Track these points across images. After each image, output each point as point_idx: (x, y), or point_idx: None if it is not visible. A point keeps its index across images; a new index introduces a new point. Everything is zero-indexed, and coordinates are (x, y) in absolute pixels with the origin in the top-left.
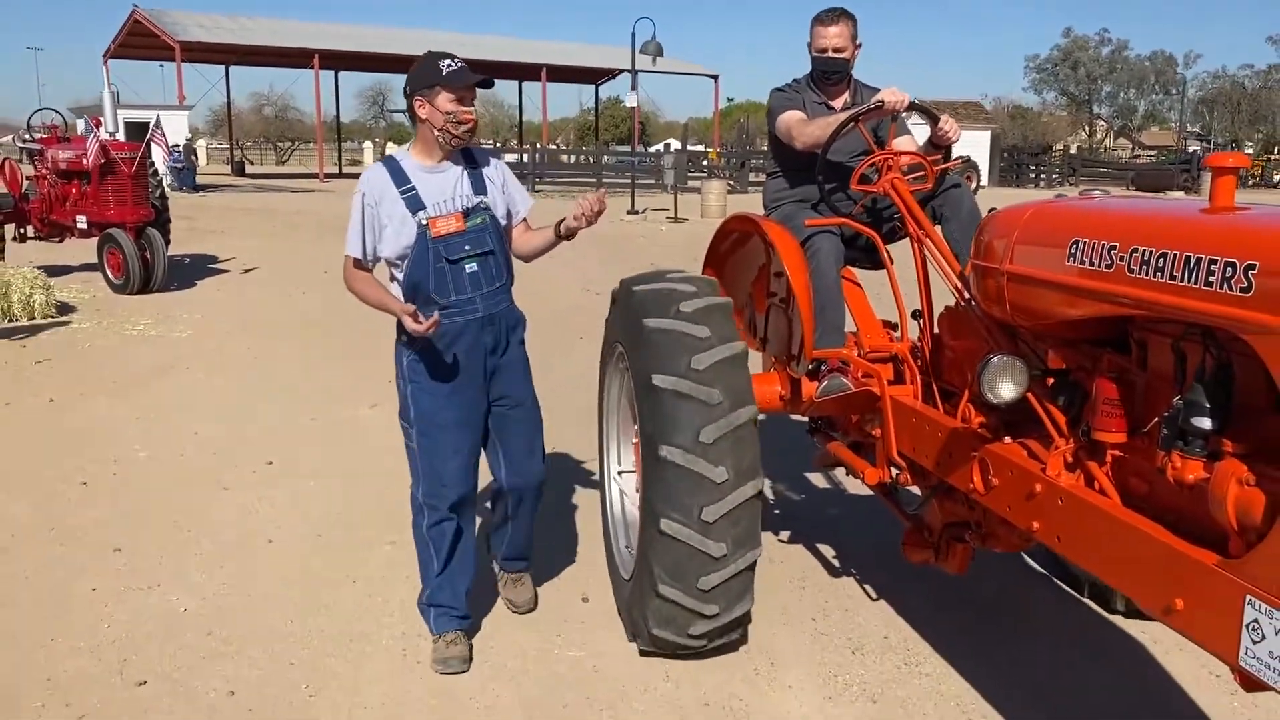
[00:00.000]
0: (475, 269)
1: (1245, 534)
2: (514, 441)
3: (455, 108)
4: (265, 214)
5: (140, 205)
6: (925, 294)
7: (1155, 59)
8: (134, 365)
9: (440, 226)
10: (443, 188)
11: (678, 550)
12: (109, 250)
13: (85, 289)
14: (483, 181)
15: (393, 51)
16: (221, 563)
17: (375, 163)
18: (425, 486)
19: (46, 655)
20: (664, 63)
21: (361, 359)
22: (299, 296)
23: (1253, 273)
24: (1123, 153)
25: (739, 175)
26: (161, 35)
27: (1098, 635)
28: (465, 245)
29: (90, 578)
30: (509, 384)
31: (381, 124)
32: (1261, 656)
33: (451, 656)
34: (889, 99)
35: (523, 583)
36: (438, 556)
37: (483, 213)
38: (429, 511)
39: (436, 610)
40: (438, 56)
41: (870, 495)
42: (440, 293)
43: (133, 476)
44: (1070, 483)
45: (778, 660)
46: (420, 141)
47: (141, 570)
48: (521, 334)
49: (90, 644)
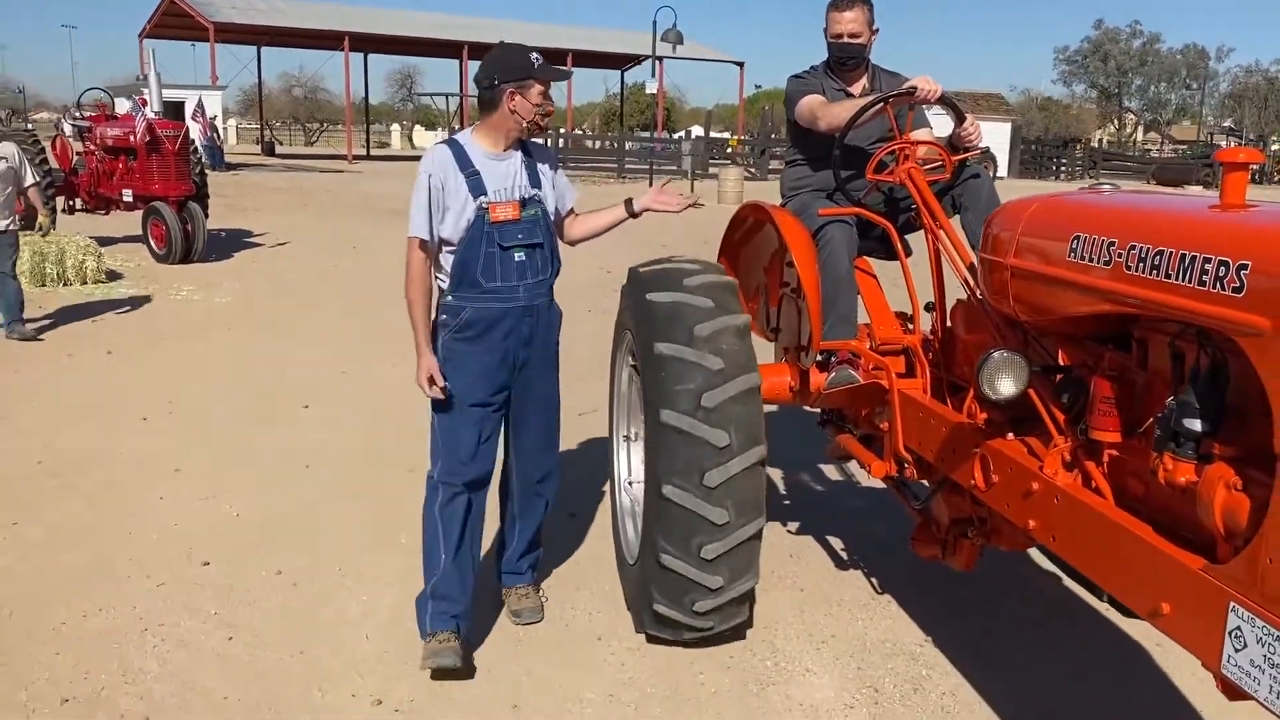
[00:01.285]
0: (523, 258)
1: (1231, 539)
2: (530, 434)
3: (544, 100)
4: (296, 193)
5: (183, 180)
6: (938, 287)
7: (1187, 52)
8: (180, 324)
9: (499, 213)
10: (504, 175)
11: (680, 516)
12: (153, 222)
13: (130, 258)
14: (538, 175)
15: (422, 35)
16: (267, 481)
17: (437, 144)
18: (444, 463)
19: (129, 542)
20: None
21: (385, 322)
22: (329, 268)
23: (1245, 272)
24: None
25: (759, 162)
26: (196, 16)
27: (1106, 634)
28: (519, 234)
29: (157, 490)
30: (537, 378)
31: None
32: (1243, 664)
33: (445, 652)
34: (923, 87)
35: (528, 595)
36: (445, 541)
37: (537, 205)
38: (443, 489)
39: (435, 605)
40: (524, 49)
41: (879, 489)
42: (487, 276)
43: (186, 414)
44: (1067, 482)
45: (783, 654)
46: (490, 128)
47: (200, 486)
48: (557, 332)
49: (162, 536)
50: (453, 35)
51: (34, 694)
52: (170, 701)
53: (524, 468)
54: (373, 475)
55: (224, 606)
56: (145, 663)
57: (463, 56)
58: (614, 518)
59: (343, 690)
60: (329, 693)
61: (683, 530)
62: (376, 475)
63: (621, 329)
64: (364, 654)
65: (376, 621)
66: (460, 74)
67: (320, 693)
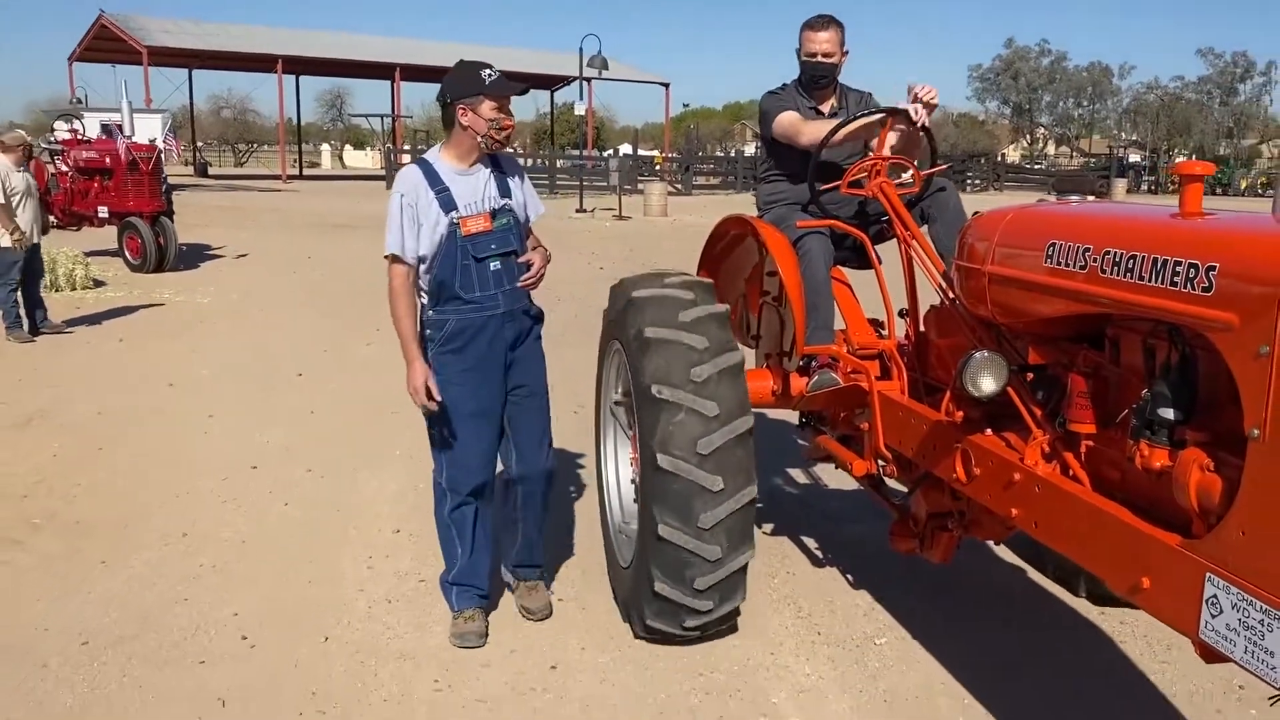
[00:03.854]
0: (499, 267)
1: (1206, 516)
2: (526, 431)
3: (497, 115)
4: (240, 211)
5: (155, 197)
6: (911, 293)
7: (1092, 69)
8: (175, 319)
9: (470, 226)
10: (473, 189)
11: (675, 554)
12: (129, 236)
13: (106, 269)
14: (508, 185)
15: (355, 58)
16: (283, 421)
17: (409, 165)
18: (449, 473)
19: (173, 474)
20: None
21: (352, 315)
22: (291, 275)
23: (1214, 274)
24: (1063, 160)
25: (684, 178)
26: (129, 40)
27: (1082, 627)
28: (491, 244)
29: (201, 428)
30: (525, 374)
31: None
32: (1219, 629)
33: (469, 631)
34: (915, 114)
35: (537, 590)
36: (461, 541)
37: (508, 214)
38: (451, 496)
39: (459, 588)
40: (477, 66)
41: (854, 488)
42: (465, 289)
43: (203, 383)
44: (1047, 471)
45: (771, 650)
46: (454, 145)
47: (232, 425)
48: (540, 328)
49: (215, 453)
50: (385, 57)
51: (162, 537)
52: (254, 538)
53: (521, 463)
54: (364, 415)
55: (276, 488)
56: (230, 518)
57: (394, 78)
58: (603, 520)
59: (370, 527)
60: (360, 529)
61: (677, 566)
62: (367, 415)
63: (610, 339)
64: (382, 507)
65: (387, 492)
66: (392, 95)
67: (355, 530)
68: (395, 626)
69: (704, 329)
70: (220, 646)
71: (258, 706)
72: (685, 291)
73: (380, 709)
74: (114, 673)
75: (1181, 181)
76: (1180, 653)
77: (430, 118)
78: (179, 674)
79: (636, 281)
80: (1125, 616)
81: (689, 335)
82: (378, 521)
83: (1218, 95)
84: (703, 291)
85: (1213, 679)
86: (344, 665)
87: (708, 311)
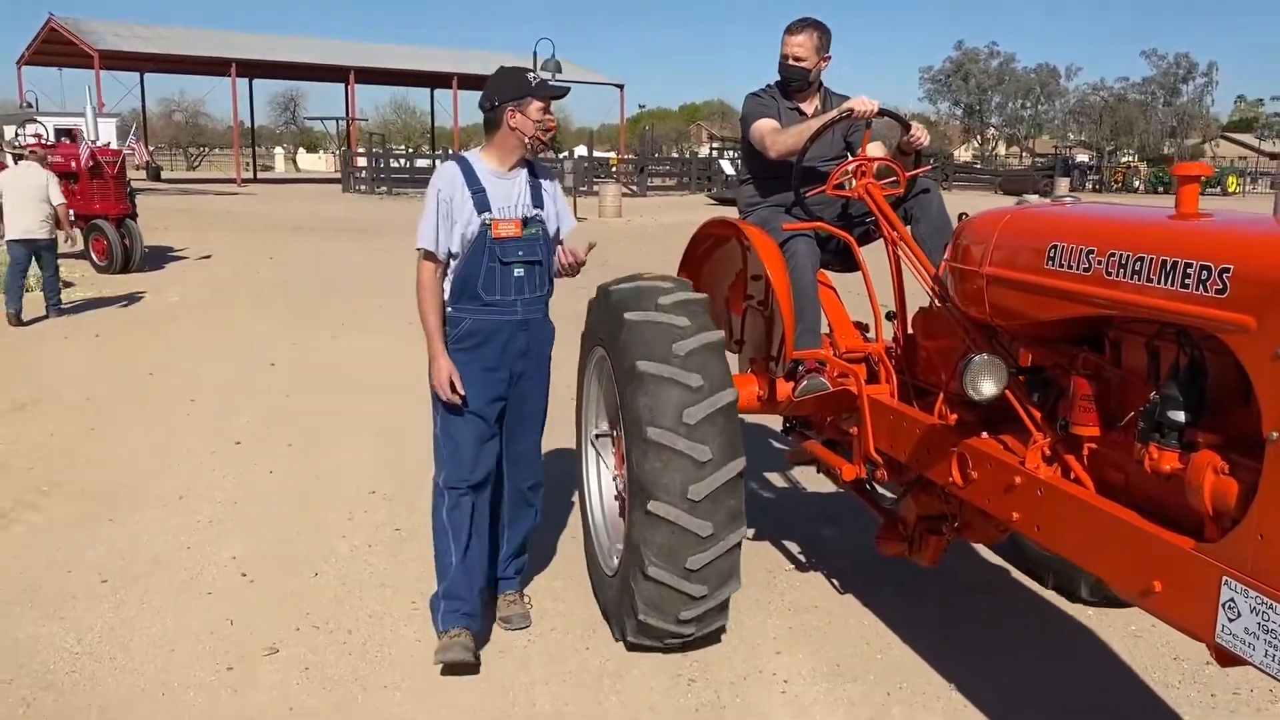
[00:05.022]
0: (522, 274)
1: (1220, 519)
2: (520, 443)
3: (543, 116)
4: (197, 214)
5: (121, 200)
6: (899, 295)
7: (1040, 71)
8: (147, 316)
9: (501, 229)
10: (509, 194)
11: (666, 530)
12: (95, 238)
13: (72, 270)
14: (542, 195)
15: (309, 60)
16: (260, 403)
17: (447, 161)
18: (449, 469)
19: (164, 450)
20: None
21: (318, 310)
22: (255, 275)
23: (1227, 276)
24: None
25: (639, 179)
26: (79, 43)
27: (1063, 626)
28: (519, 251)
29: (184, 410)
30: (530, 389)
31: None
32: (1237, 633)
33: (455, 646)
34: (858, 107)
35: (516, 602)
36: (456, 545)
37: (539, 224)
38: (449, 494)
39: (447, 605)
40: (520, 70)
41: (833, 491)
42: (487, 290)
43: (181, 371)
44: (1049, 475)
45: (761, 657)
46: (496, 148)
47: (213, 407)
48: (550, 346)
49: (200, 430)
50: (339, 60)
51: (160, 499)
52: (244, 499)
53: (515, 475)
54: (337, 398)
55: (260, 459)
56: (221, 484)
57: (349, 80)
58: (586, 530)
59: (348, 488)
60: (339, 490)
61: (669, 544)
62: (340, 398)
63: (592, 344)
64: (357, 472)
65: (361, 460)
66: (346, 97)
67: (335, 491)
68: (374, 564)
69: (685, 311)
70: (223, 582)
71: (261, 624)
72: (680, 318)
73: (365, 623)
74: (134, 602)
75: (1178, 182)
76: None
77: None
78: (190, 601)
79: (626, 297)
80: (1133, 620)
81: (671, 316)
82: (355, 484)
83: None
84: (681, 282)
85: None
86: (332, 593)
87: (688, 297)
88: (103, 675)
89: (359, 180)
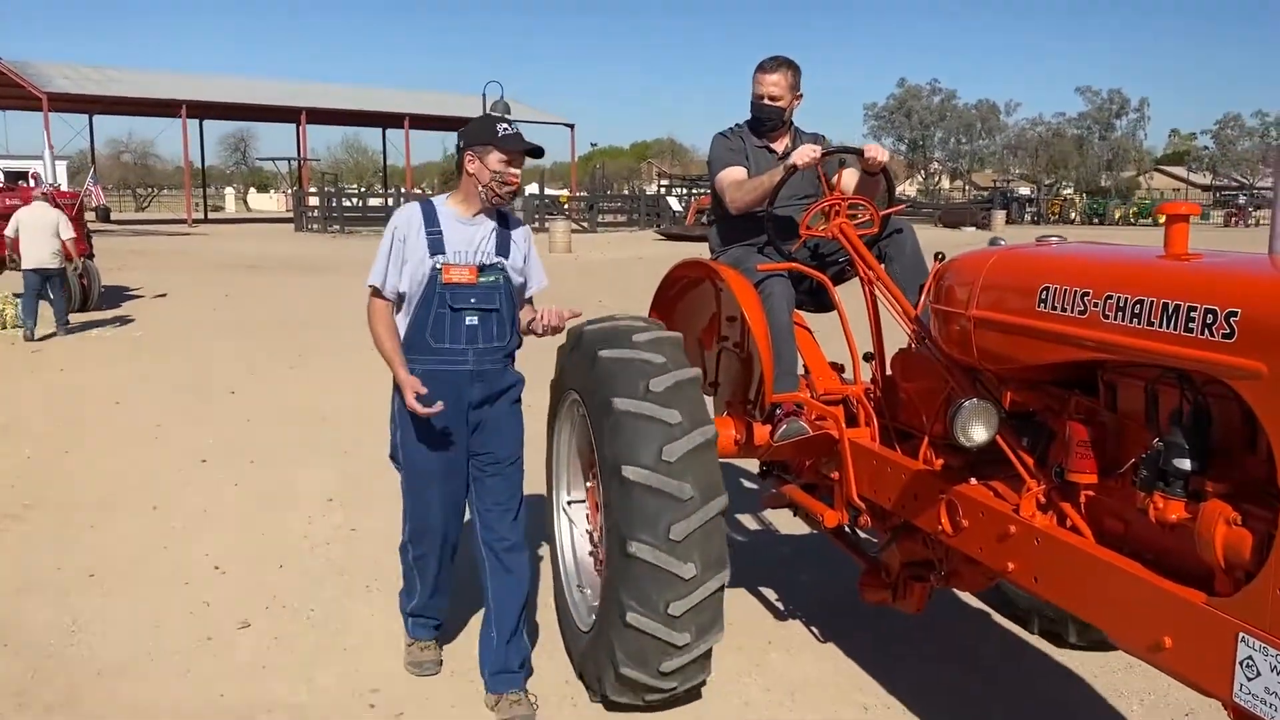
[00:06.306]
0: (475, 322)
1: (1233, 572)
2: (488, 498)
3: (503, 168)
4: (151, 254)
5: (80, 241)
6: (877, 336)
7: (981, 106)
8: (108, 352)
9: (453, 274)
10: (469, 239)
11: (646, 573)
12: None
13: None
14: (508, 244)
15: (259, 102)
16: (224, 428)
17: (412, 202)
18: (410, 528)
19: (135, 468)
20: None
21: (273, 344)
22: (212, 311)
23: (1235, 320)
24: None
25: (589, 216)
26: (26, 86)
27: (1048, 673)
28: (471, 298)
29: (151, 435)
30: (492, 441)
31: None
32: (1257, 693)
33: (425, 660)
34: (799, 161)
35: (521, 702)
36: (422, 582)
37: (498, 272)
38: (413, 547)
39: (415, 619)
40: (495, 119)
41: (808, 533)
42: (435, 337)
43: (147, 400)
44: (1045, 523)
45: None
46: (461, 192)
47: (179, 433)
48: (517, 394)
49: (159, 464)
50: (290, 101)
51: (135, 510)
52: (213, 508)
53: (486, 535)
54: (295, 421)
55: (225, 475)
56: (191, 496)
57: (300, 120)
58: (558, 586)
59: (308, 497)
60: (300, 499)
61: (649, 588)
62: (298, 421)
63: (564, 391)
64: (316, 484)
65: (320, 474)
66: (298, 137)
67: (296, 499)
68: (333, 557)
69: (660, 349)
70: (199, 573)
71: (234, 606)
72: (637, 321)
73: (326, 604)
74: (121, 591)
75: (1167, 222)
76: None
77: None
78: (170, 590)
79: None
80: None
81: (646, 353)
82: (313, 493)
83: (1097, 130)
84: (654, 322)
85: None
86: (297, 581)
87: (661, 335)
88: (97, 646)
89: (311, 219)
